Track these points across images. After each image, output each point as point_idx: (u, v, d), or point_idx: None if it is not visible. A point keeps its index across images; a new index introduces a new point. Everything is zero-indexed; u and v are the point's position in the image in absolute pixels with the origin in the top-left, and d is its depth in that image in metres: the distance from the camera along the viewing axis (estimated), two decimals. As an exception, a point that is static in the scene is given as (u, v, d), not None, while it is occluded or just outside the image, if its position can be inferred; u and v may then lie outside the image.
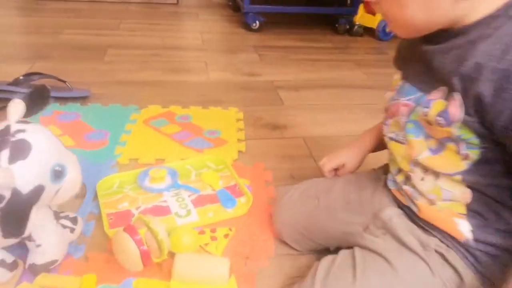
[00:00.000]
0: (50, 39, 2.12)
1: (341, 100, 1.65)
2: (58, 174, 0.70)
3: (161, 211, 0.95)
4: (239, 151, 1.23)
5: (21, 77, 1.41)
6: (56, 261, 0.74)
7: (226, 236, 0.89)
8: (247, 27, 2.52)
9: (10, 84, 1.37)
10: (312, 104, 1.59)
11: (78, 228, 0.83)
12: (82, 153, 1.15)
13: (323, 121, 1.46)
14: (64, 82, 1.48)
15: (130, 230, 0.77)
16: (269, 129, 1.39)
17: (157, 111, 1.42)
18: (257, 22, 2.49)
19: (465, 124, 0.54)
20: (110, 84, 1.62)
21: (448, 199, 0.61)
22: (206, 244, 0.86)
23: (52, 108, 1.37)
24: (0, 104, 1.36)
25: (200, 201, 0.99)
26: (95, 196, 0.97)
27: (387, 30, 2.45)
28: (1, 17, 2.52)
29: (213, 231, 0.90)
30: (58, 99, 1.43)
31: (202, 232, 0.89)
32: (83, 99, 1.46)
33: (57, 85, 1.49)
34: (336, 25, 2.60)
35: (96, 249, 0.84)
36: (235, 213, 0.96)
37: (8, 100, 1.41)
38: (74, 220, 0.83)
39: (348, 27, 2.58)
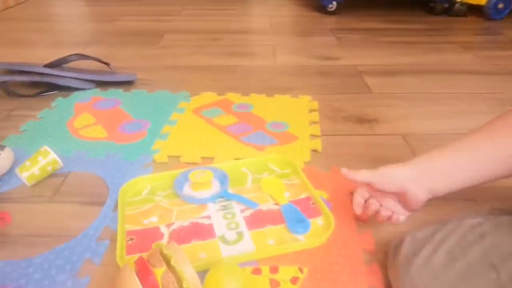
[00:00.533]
0: (107, 26, 1.97)
1: (447, 88, 1.25)
2: None
3: (201, 231, 0.66)
4: (313, 151, 0.90)
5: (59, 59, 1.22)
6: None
7: (294, 280, 0.57)
8: (322, 9, 2.18)
9: (45, 66, 1.19)
10: (409, 92, 1.21)
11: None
12: (111, 146, 0.91)
13: (427, 114, 1.08)
14: (107, 64, 1.27)
15: (141, 268, 0.48)
16: (353, 122, 1.04)
17: (211, 99, 1.15)
18: (334, 3, 2.14)
19: None
20: (160, 69, 1.39)
21: None
22: (262, 292, 0.55)
23: (91, 94, 1.16)
24: (37, 89, 1.19)
25: (257, 220, 0.69)
26: (120, 204, 0.71)
27: (500, 6, 1.96)
28: (67, 7, 2.46)
29: (274, 270, 0.59)
30: (100, 84, 1.22)
31: (257, 272, 0.58)
32: (127, 84, 1.24)
33: (100, 69, 1.29)
34: (431, 4, 2.16)
35: (106, 284, 0.58)
36: (308, 242, 0.64)
37: (44, 84, 1.19)
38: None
39: (447, 6, 2.12)
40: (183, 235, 0.65)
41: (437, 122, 1.04)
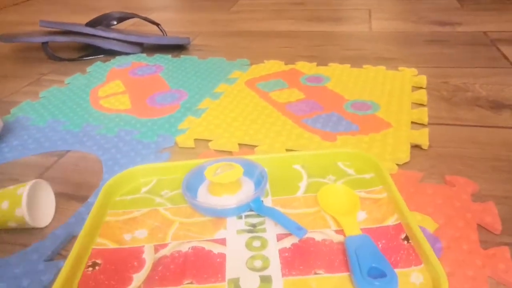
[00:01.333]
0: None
1: None
2: None
3: (205, 265, 0.39)
4: (415, 147, 0.57)
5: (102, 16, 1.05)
6: None
7: None
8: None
9: (87, 24, 1.02)
10: None
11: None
12: (129, 121, 0.68)
13: None
14: (157, 25, 1.06)
15: None
16: (484, 108, 0.67)
17: (275, 68, 0.86)
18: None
19: None
20: (223, 35, 1.14)
21: None
22: None
23: (133, 59, 0.96)
24: (82, 52, 1.04)
25: (302, 259, 0.39)
26: (99, 205, 0.47)
27: None
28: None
29: None
30: (148, 48, 1.03)
31: None
32: (179, 49, 1.02)
33: (150, 32, 1.09)
34: None
35: None
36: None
37: (90, 47, 0.98)
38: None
39: None
40: (174, 269, 0.39)
41: None
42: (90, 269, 0.40)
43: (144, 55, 0.99)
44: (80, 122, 0.69)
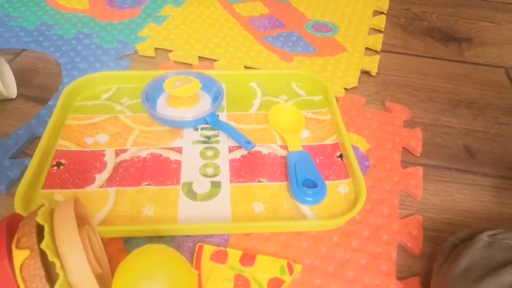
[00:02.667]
0: None
1: None
2: None
3: (161, 170, 0.44)
4: (364, 72, 0.61)
5: None
6: None
7: (274, 285, 0.35)
8: None
9: None
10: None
11: None
12: (88, 23, 0.66)
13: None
14: None
15: (-3, 240, 0.27)
16: (435, 39, 0.71)
17: (242, -23, 0.83)
18: None
19: None
20: None
21: None
22: (216, 297, 0.34)
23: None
24: None
25: (248, 168, 0.45)
26: (59, 108, 0.49)
27: None
28: None
29: (247, 261, 0.36)
30: None
31: (219, 257, 0.36)
32: None
33: None
34: None
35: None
36: (317, 223, 0.40)
37: None
38: None
39: None
40: (134, 172, 0.44)
41: None
42: (55, 168, 0.43)
43: None
44: (34, 19, 0.66)
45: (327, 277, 0.36)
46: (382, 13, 0.76)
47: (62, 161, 0.44)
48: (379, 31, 0.71)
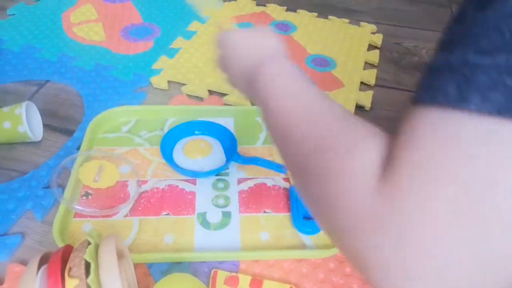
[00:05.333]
0: None
1: None
2: None
3: (179, 200, 0.50)
4: (358, 107, 0.67)
5: None
6: None
7: (278, 308, 0.41)
8: None
9: None
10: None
11: None
12: (105, 55, 0.72)
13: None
14: None
15: (52, 272, 0.33)
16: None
17: (247, 9, 0.90)
18: None
19: None
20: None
21: None
22: (230, 318, 0.39)
23: (104, -21, 0.94)
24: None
25: (256, 199, 0.51)
26: (87, 141, 0.55)
27: None
28: None
29: (255, 284, 0.42)
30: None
31: (232, 282, 0.42)
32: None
33: None
34: None
35: (38, 252, 0.44)
36: (314, 252, 0.46)
37: None
38: None
39: None
40: (154, 202, 0.49)
41: None
42: (84, 198, 0.49)
43: (114, -26, 0.97)
44: (56, 51, 0.72)
45: (324, 300, 0.42)
46: (376, 47, 0.83)
47: (90, 191, 0.50)
48: (373, 65, 0.78)
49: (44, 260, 0.35)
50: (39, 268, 0.34)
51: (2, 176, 0.51)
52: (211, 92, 0.67)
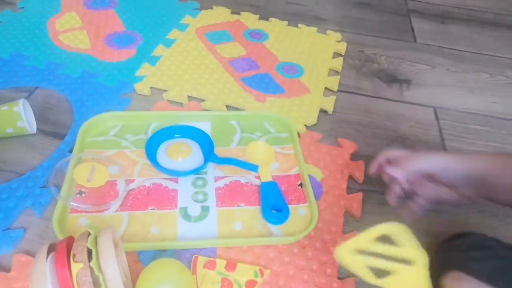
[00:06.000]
0: None
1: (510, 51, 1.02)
2: None
3: (162, 197, 0.57)
4: (322, 111, 0.76)
5: None
6: None
7: (250, 285, 0.49)
8: None
9: None
10: (459, 50, 0.99)
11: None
12: (91, 63, 0.78)
13: (481, 85, 0.88)
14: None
15: (59, 258, 0.40)
16: (382, 80, 0.87)
17: (222, 17, 0.96)
18: None
19: None
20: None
21: None
22: (208, 294, 0.47)
23: (86, -13, 0.99)
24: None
25: (230, 195, 0.58)
26: (78, 144, 0.61)
27: None
28: None
29: (230, 267, 0.50)
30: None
31: (210, 265, 0.50)
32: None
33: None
34: None
35: (39, 244, 0.51)
36: (280, 239, 0.54)
37: None
38: None
39: None
40: (141, 198, 0.56)
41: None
42: (78, 196, 0.55)
43: (96, -18, 1.01)
44: (43, 58, 0.77)
45: (288, 279, 0.50)
46: (340, 55, 0.91)
47: (83, 189, 0.56)
48: (337, 72, 0.86)
49: (50, 249, 0.41)
50: (47, 255, 0.40)
51: (0, 177, 0.57)
52: (190, 98, 0.74)
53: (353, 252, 0.44)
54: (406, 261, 0.43)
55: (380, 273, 0.43)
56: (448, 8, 1.17)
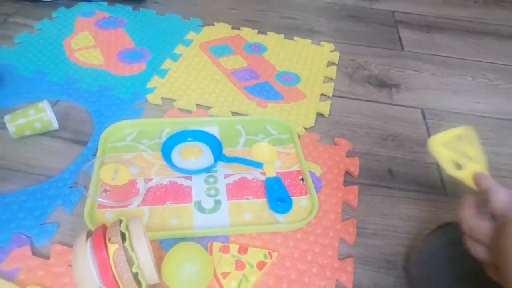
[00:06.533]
0: None
1: (493, 57, 1.10)
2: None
3: (179, 193, 0.63)
4: (319, 114, 0.83)
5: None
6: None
7: (260, 266, 0.55)
8: None
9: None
10: (445, 56, 1.07)
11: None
12: (106, 77, 0.85)
13: (465, 88, 0.96)
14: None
15: (97, 241, 0.46)
16: (373, 85, 0.94)
17: (223, 32, 1.04)
18: None
19: None
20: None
21: None
22: (225, 274, 0.53)
23: (96, 8, 1.07)
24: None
25: (239, 190, 0.65)
26: (101, 149, 0.68)
27: None
28: None
29: (242, 251, 0.56)
30: (108, -3, 1.12)
31: (224, 250, 0.56)
32: (138, 0, 1.14)
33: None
34: None
35: (73, 237, 0.57)
36: (286, 226, 0.60)
37: None
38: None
39: None
40: (159, 195, 0.63)
41: (477, 101, 0.92)
42: (104, 193, 0.62)
43: (105, 3, 1.10)
44: (62, 74, 0.84)
45: (294, 260, 0.56)
46: (334, 63, 0.99)
47: (108, 188, 0.63)
48: (331, 79, 0.93)
49: (88, 235, 0.48)
50: (86, 239, 0.46)
51: (34, 180, 0.63)
52: (198, 105, 0.81)
53: (441, 145, 0.53)
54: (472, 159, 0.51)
55: (457, 166, 0.51)
56: (433, 18, 1.25)
